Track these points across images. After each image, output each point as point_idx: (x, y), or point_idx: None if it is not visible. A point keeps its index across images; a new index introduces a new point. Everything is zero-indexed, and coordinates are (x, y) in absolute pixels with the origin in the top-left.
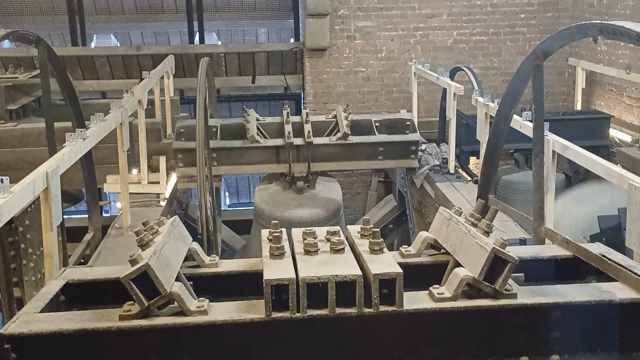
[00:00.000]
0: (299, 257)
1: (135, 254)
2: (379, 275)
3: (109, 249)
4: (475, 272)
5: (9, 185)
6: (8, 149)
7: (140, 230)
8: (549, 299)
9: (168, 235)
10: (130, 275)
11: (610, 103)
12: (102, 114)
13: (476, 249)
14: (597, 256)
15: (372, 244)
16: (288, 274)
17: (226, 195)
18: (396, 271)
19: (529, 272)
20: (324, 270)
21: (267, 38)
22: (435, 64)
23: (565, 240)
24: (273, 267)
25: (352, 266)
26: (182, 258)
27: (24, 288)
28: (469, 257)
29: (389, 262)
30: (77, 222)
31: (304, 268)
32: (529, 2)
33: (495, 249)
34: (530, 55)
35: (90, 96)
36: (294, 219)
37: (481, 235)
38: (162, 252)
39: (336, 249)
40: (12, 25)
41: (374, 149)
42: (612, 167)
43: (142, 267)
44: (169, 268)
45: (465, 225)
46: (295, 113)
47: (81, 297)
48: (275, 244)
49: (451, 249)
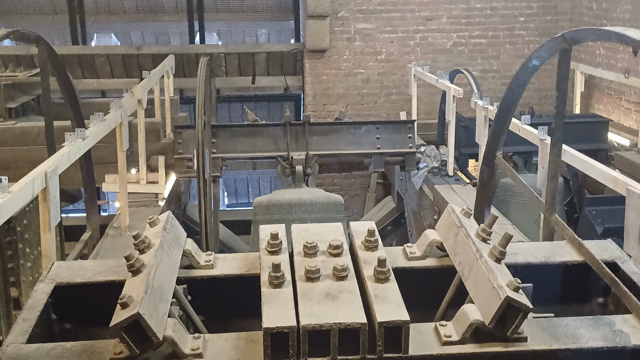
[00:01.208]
0: (299, 286)
1: (126, 295)
2: (385, 323)
3: (107, 249)
4: (486, 317)
5: (7, 184)
6: (7, 148)
7: (130, 255)
8: (559, 344)
9: (161, 249)
10: (120, 324)
11: (609, 107)
12: (101, 114)
13: (488, 288)
14: (610, 275)
15: (377, 272)
16: (288, 320)
17: (225, 196)
18: (403, 319)
19: (539, 279)
20: (326, 314)
21: (268, 39)
22: (434, 67)
23: (577, 241)
24: (272, 306)
25: (356, 307)
26: (176, 271)
27: (21, 288)
28: (479, 293)
29: (395, 300)
30: (76, 220)
31: (305, 307)
32: (528, 5)
33: (508, 298)
34: (558, 36)
35: (90, 95)
36: (293, 201)
37: (493, 266)
38: (155, 281)
39: (339, 277)
40: (13, 24)
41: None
42: (610, 172)
43: (132, 316)
44: (162, 301)
45: (475, 243)
46: (294, 114)
47: (72, 300)
48: (275, 272)
49: (459, 267)
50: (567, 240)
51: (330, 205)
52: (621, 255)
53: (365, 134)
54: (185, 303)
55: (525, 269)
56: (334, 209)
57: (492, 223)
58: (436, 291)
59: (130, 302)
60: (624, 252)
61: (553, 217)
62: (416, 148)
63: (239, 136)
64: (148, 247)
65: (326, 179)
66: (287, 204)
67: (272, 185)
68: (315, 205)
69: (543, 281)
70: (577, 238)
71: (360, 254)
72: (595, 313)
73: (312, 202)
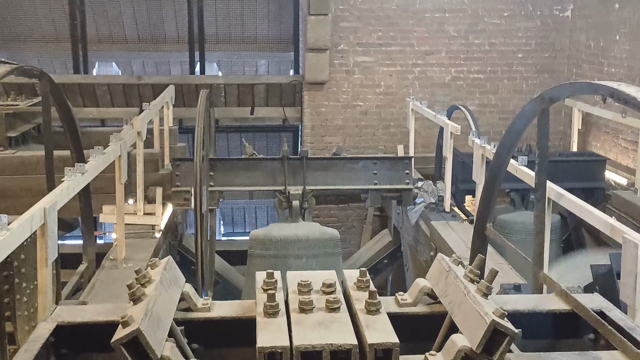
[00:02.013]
0: (293, 317)
1: (127, 315)
2: (375, 345)
3: (103, 282)
4: (473, 343)
5: (7, 222)
6: (6, 176)
7: (132, 283)
8: None
9: (160, 284)
10: (121, 340)
11: (606, 145)
12: (101, 148)
13: (475, 317)
14: (596, 318)
15: (368, 304)
16: (282, 341)
17: (221, 224)
18: (392, 341)
19: (527, 326)
20: (318, 337)
21: (267, 69)
22: (432, 100)
23: (564, 292)
24: (267, 330)
25: (348, 332)
26: (174, 308)
27: (17, 323)
28: (467, 324)
29: (385, 327)
30: (71, 248)
31: (298, 332)
32: (526, 42)
33: (494, 322)
34: (536, 98)
35: (90, 123)
36: (289, 238)
37: (480, 299)
38: (154, 309)
39: (332, 308)
40: (15, 52)
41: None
42: (607, 218)
43: (133, 332)
44: (160, 328)
45: (464, 282)
46: (292, 145)
47: (72, 339)
48: (270, 302)
49: (449, 306)
50: (555, 293)
51: (326, 241)
52: (607, 306)
53: (363, 169)
54: (182, 342)
55: (513, 317)
56: (330, 244)
57: (479, 265)
58: (427, 337)
59: (131, 322)
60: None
61: (541, 273)
62: (413, 183)
63: (237, 170)
64: (149, 282)
65: (323, 210)
66: (283, 239)
67: (268, 215)
68: (311, 241)
69: (531, 329)
70: (564, 290)
71: (353, 293)
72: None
73: (308, 238)
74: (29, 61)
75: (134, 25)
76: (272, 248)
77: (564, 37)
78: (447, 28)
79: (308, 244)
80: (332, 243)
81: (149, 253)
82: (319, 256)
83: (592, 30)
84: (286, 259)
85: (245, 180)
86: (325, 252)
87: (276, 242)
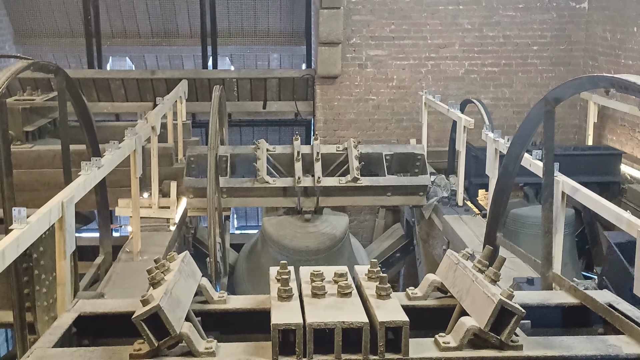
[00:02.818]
0: (306, 300)
1: (147, 294)
2: (385, 323)
3: (119, 274)
4: (482, 322)
5: (25, 215)
6: (24, 170)
7: (152, 269)
8: (554, 352)
9: (179, 273)
10: (141, 315)
11: (622, 138)
12: (116, 142)
13: (483, 298)
14: (604, 307)
15: (379, 289)
16: (295, 319)
17: (234, 218)
18: (402, 319)
19: (536, 319)
20: (331, 316)
21: (280, 63)
22: (446, 94)
23: (573, 287)
24: (281, 310)
25: (359, 312)
26: (191, 296)
27: (36, 314)
28: (475, 306)
29: (395, 308)
30: (88, 241)
31: (311, 312)
32: (541, 35)
33: (501, 301)
34: (541, 101)
35: (104, 118)
36: (300, 248)
37: (488, 283)
38: (173, 291)
39: (343, 293)
40: (30, 47)
41: (384, 190)
42: (622, 212)
43: (154, 308)
44: (179, 308)
45: (472, 271)
46: (305, 139)
47: (93, 329)
48: (284, 286)
49: (458, 295)
50: (564, 289)
51: (336, 243)
52: (616, 299)
53: (376, 193)
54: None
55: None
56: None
57: (488, 256)
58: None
59: (151, 300)
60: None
61: (550, 272)
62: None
63: (249, 196)
64: (167, 271)
65: None
66: (295, 249)
67: None
68: (321, 251)
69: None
70: (573, 285)
71: (364, 283)
72: None
73: (318, 250)
74: (44, 56)
75: (147, 20)
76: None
77: (580, 29)
78: (460, 21)
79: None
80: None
81: (164, 246)
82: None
83: (609, 23)
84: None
85: (257, 201)
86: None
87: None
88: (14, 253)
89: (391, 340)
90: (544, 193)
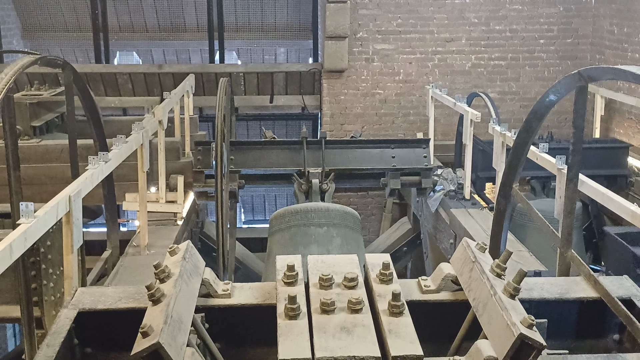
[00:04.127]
0: (315, 318)
1: (147, 326)
2: (399, 357)
3: (126, 268)
4: (499, 353)
5: (33, 209)
6: (31, 165)
7: (151, 285)
8: None
9: (180, 278)
10: (140, 353)
11: (629, 131)
12: (123, 136)
13: (502, 325)
14: (625, 313)
15: (392, 306)
16: (303, 352)
17: (241, 212)
18: (417, 354)
19: (553, 314)
20: (340, 349)
21: (286, 57)
22: (452, 88)
23: (592, 277)
24: (288, 337)
25: (370, 341)
26: (195, 301)
27: (44, 308)
28: (492, 329)
29: (409, 335)
30: (95, 236)
31: (320, 340)
32: (548, 28)
33: (522, 335)
34: (575, 74)
35: (112, 112)
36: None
37: (507, 303)
38: (175, 310)
39: (354, 309)
40: (38, 42)
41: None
42: (629, 205)
43: (153, 346)
44: (181, 331)
45: (490, 279)
46: (312, 133)
47: (94, 325)
48: (291, 304)
49: (474, 303)
50: (582, 276)
51: (347, 214)
52: (637, 293)
53: (381, 151)
54: (203, 331)
55: (540, 305)
56: (350, 219)
57: (506, 258)
58: (450, 324)
59: (150, 332)
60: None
61: (569, 252)
62: (432, 170)
63: (256, 152)
64: (168, 277)
65: (342, 198)
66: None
67: (288, 202)
68: (332, 211)
69: (558, 317)
70: (592, 274)
71: (375, 287)
72: (610, 350)
73: (328, 208)
74: (52, 51)
75: (154, 14)
76: (292, 220)
77: (587, 22)
78: (467, 15)
79: (329, 213)
80: (352, 219)
81: (171, 240)
82: (340, 226)
83: (616, 16)
84: (307, 228)
85: (265, 162)
86: (346, 224)
87: (296, 213)
88: (22, 247)
89: None
90: (570, 173)
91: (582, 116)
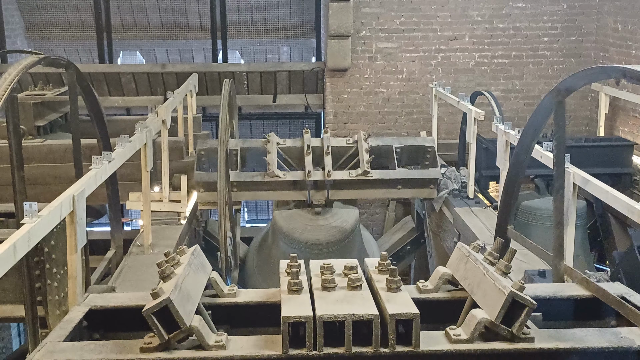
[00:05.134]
0: (316, 293)
1: (157, 287)
2: (396, 315)
3: (130, 267)
4: (493, 315)
5: (37, 209)
6: (35, 164)
7: (162, 262)
8: (566, 344)
9: (189, 266)
10: (151, 309)
11: (634, 129)
12: (127, 136)
13: (494, 291)
14: (617, 299)
15: (389, 281)
16: (305, 311)
17: (245, 211)
18: (413, 312)
19: (548, 311)
20: (341, 309)
21: (289, 57)
22: (456, 86)
23: (585, 279)
24: (291, 303)
25: (369, 305)
26: (202, 289)
27: (48, 308)
28: (486, 299)
29: (406, 301)
30: (99, 235)
31: (321, 305)
32: (552, 26)
33: (513, 293)
34: (552, 91)
35: (115, 112)
36: (311, 241)
37: (499, 276)
38: (183, 285)
39: (354, 286)
40: (41, 42)
41: (394, 183)
42: (633, 204)
43: (164, 301)
44: (189, 302)
45: (484, 264)
46: (315, 132)
47: (104, 323)
48: (294, 279)
49: (469, 287)
50: (576, 282)
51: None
52: (629, 292)
53: (388, 186)
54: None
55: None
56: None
57: (498, 248)
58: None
59: (161, 293)
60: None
61: (561, 264)
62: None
63: (260, 191)
64: (177, 264)
65: None
66: (305, 243)
67: None
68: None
69: (552, 314)
70: (585, 277)
71: (374, 276)
72: None
73: (328, 242)
74: (55, 51)
75: (158, 14)
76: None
77: (591, 20)
78: (470, 13)
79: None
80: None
81: (175, 239)
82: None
83: (620, 14)
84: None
85: (268, 195)
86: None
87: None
88: (26, 247)
89: (402, 333)
90: (555, 185)
91: (563, 129)
